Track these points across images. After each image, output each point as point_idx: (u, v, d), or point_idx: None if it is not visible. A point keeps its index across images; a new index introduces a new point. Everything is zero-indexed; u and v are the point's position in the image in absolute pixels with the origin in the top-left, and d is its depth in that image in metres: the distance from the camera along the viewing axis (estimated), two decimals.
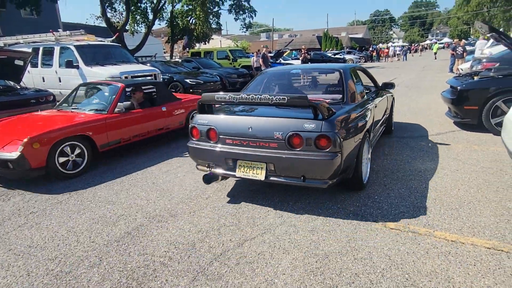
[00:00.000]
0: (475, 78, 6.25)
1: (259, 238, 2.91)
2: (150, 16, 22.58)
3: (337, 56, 29.81)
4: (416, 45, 59.84)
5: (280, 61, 20.77)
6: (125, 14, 21.08)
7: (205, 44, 26.15)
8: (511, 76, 5.56)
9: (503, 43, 6.08)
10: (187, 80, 11.75)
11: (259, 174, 3.30)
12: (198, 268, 2.53)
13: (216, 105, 3.86)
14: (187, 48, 23.95)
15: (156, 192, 4.02)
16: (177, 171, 4.73)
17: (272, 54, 20.31)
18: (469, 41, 33.06)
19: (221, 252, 2.72)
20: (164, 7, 23.33)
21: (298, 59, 19.22)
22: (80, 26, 21.25)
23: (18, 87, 8.08)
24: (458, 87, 6.00)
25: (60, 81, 9.45)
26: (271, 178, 3.31)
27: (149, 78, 9.73)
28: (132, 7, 21.44)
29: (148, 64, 11.85)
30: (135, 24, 22.85)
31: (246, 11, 25.28)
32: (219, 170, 3.57)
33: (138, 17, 22.66)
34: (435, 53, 33.19)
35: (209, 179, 3.65)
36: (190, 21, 23.22)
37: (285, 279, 2.37)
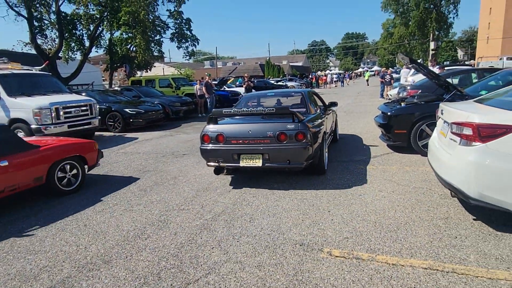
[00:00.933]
0: (402, 104, 6.83)
1: (203, 279, 2.72)
2: (87, 43, 21.62)
3: (279, 83, 31.05)
4: (351, 72, 64.83)
5: (224, 88, 21.01)
6: (58, 41, 19.93)
7: (147, 72, 25.58)
8: (432, 102, 6.15)
9: (422, 73, 6.78)
10: (127, 110, 11.25)
11: (258, 163, 4.70)
12: None
13: (219, 118, 5.16)
14: (131, 74, 23.19)
15: (87, 236, 3.63)
16: (113, 210, 4.36)
17: (216, 82, 20.48)
18: (395, 69, 36.65)
19: None
20: (102, 34, 22.54)
21: (242, 86, 19.58)
22: (5, 53, 19.59)
23: None
24: (388, 113, 6.49)
25: None
26: (266, 165, 4.69)
27: (84, 108, 9.15)
28: (66, 34, 20.39)
29: (84, 94, 11.21)
30: (70, 51, 21.64)
31: (189, 39, 25.37)
32: (226, 164, 4.90)
33: (73, 44, 21.54)
34: (367, 80, 36.15)
35: (218, 170, 5.22)
36: (130, 49, 22.64)
37: None
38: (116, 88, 18.47)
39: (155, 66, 29.32)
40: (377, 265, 2.80)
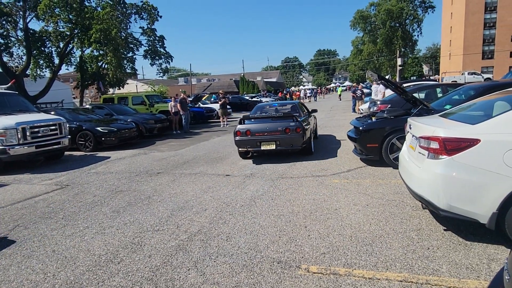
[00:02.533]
0: (373, 118, 7.06)
1: None
2: (56, 61, 21.08)
3: (254, 99, 31.37)
4: (322, 87, 66.57)
5: (199, 105, 20.96)
6: (25, 58, 19.30)
7: (120, 89, 25.15)
8: (401, 117, 6.40)
9: (390, 88, 7.06)
10: (99, 128, 10.95)
11: (272, 146, 7.49)
12: None
13: (245, 120, 8.04)
14: (104, 91, 22.68)
15: (56, 263, 3.44)
16: (83, 233, 4.17)
17: (190, 98, 20.42)
18: (365, 84, 38.05)
19: None
20: (72, 51, 22.07)
21: (217, 102, 19.62)
22: None
23: None
24: (360, 128, 6.68)
25: None
26: (278, 148, 7.47)
27: (53, 127, 8.83)
28: (34, 51, 19.80)
29: (53, 112, 10.83)
30: (38, 69, 21.00)
31: (162, 56, 25.30)
32: (252, 149, 7.74)
33: (42, 61, 20.94)
34: (340, 95, 37.25)
35: (245, 154, 8.21)
36: (102, 66, 22.25)
37: None
38: (87, 106, 17.98)
39: (128, 83, 28.86)
40: (354, 279, 2.82)
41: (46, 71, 21.84)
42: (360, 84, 23.02)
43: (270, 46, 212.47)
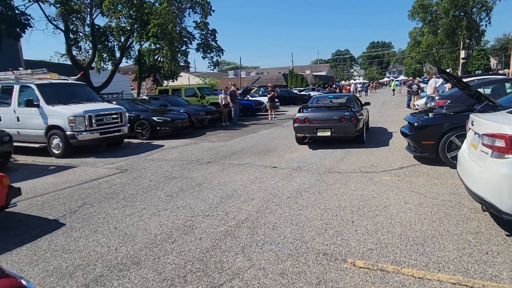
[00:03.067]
0: (430, 114, 6.68)
1: (227, 284, 2.78)
2: (117, 54, 22.58)
3: (302, 92, 31.04)
4: (374, 82, 63.63)
5: (248, 97, 21.24)
6: (91, 52, 20.95)
7: (173, 81, 26.33)
8: (461, 113, 5.99)
9: (451, 83, 6.62)
10: (154, 118, 11.62)
11: (327, 133, 8.28)
12: None
13: (304, 109, 9.04)
14: (160, 83, 23.95)
15: (118, 238, 3.79)
16: (141, 214, 4.52)
17: (240, 91, 20.77)
18: (422, 78, 35.77)
19: None
20: (131, 46, 23.48)
21: (266, 95, 19.75)
22: (43, 64, 20.81)
23: None
24: (415, 124, 6.37)
25: (18, 120, 9.03)
26: (333, 135, 8.23)
27: (115, 116, 9.55)
28: (99, 45, 21.39)
29: (114, 102, 11.68)
30: (102, 62, 22.69)
31: (214, 50, 25.95)
32: (309, 135, 8.68)
33: (105, 55, 22.57)
34: (393, 90, 35.47)
35: (301, 139, 9.14)
36: (158, 59, 23.43)
37: None
38: (144, 97, 19.10)
39: (181, 76, 30.08)
40: (403, 277, 2.76)
41: (108, 64, 23.54)
42: (417, 78, 21.67)
43: (321, 39, 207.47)
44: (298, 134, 8.90)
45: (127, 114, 10.41)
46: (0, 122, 9.11)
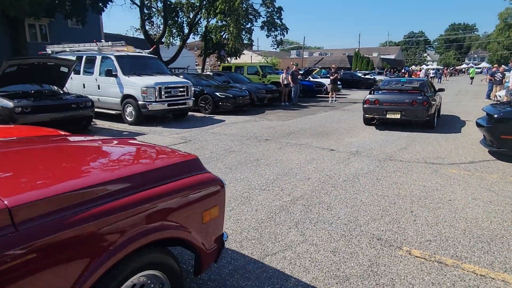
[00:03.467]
0: None
1: (280, 254, 2.92)
2: (186, 30, 23.52)
3: (367, 76, 29.55)
4: (449, 68, 57.79)
5: (309, 79, 20.85)
6: (162, 27, 22.08)
7: (236, 59, 26.76)
8: None
9: None
10: (217, 94, 12.04)
11: (397, 116, 8.46)
12: (219, 278, 2.57)
13: (375, 91, 9.44)
14: (224, 60, 24.58)
15: None
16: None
17: (301, 72, 20.45)
18: (509, 67, 31.79)
19: (243, 264, 2.75)
20: (199, 22, 24.22)
21: (328, 77, 19.20)
22: (120, 37, 22.46)
23: (61, 92, 8.63)
24: (495, 115, 5.80)
25: (99, 88, 9.98)
26: (402, 118, 8.42)
27: (182, 89, 10.09)
28: (169, 21, 22.44)
29: (181, 76, 12.29)
30: (171, 37, 23.84)
31: (278, 28, 25.69)
32: (378, 116, 8.90)
33: (174, 30, 23.66)
34: (472, 78, 32.12)
35: (369, 120, 9.29)
36: (223, 36, 23.91)
37: None
38: (208, 72, 19.78)
39: (243, 54, 30.41)
40: (462, 273, 2.65)
41: (177, 40, 24.65)
42: (502, 66, 19.26)
43: (392, 20, 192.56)
44: (366, 115, 9.15)
45: (193, 88, 10.92)
46: (84, 89, 10.16)
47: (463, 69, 63.10)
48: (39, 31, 21.97)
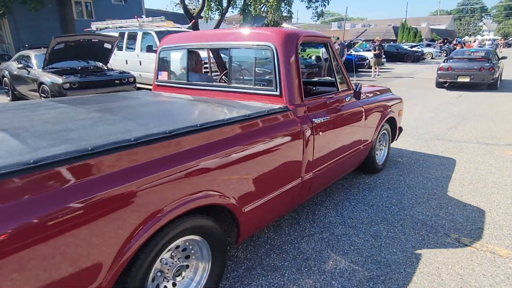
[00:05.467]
0: None
1: (318, 236, 2.86)
2: (224, 4, 23.15)
3: (414, 49, 27.63)
4: (506, 38, 51.85)
5: (351, 52, 19.90)
6: (201, 1, 21.90)
7: None
8: None
9: None
10: None
11: (467, 79, 10.73)
12: (255, 257, 2.58)
13: (448, 59, 11.72)
14: None
15: None
16: None
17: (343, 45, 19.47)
18: None
19: (279, 244, 2.73)
20: None
21: (370, 50, 18.18)
22: (160, 13, 22.67)
23: (105, 68, 8.93)
24: None
25: (140, 64, 10.21)
26: (471, 81, 10.68)
27: None
28: None
29: None
30: (210, 11, 23.61)
31: None
32: (450, 80, 11.13)
33: (213, 4, 23.37)
34: None
35: (441, 84, 11.42)
36: (262, 9, 23.27)
37: (342, 282, 2.30)
38: None
39: (283, 27, 29.57)
40: None
41: (215, 14, 24.39)
42: None
43: None
44: (440, 79, 11.30)
45: None
46: (127, 65, 10.44)
47: None
48: (85, 8, 22.76)
